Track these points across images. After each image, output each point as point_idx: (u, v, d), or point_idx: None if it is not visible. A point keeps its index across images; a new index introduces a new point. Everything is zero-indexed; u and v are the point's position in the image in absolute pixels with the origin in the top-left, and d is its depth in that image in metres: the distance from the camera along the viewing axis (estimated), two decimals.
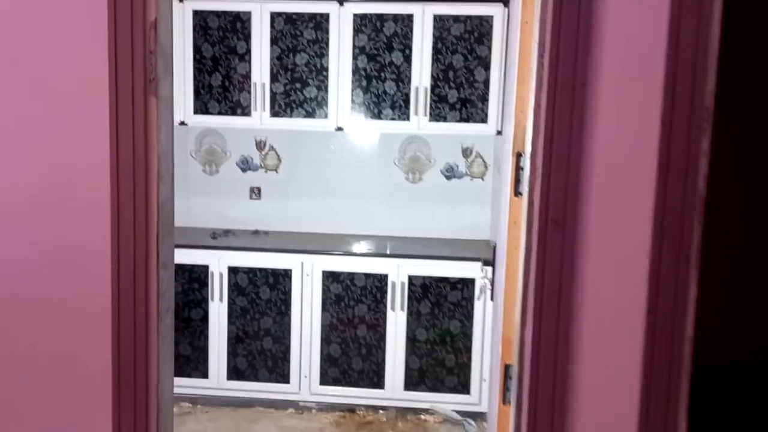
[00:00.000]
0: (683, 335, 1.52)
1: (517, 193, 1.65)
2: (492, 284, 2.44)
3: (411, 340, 3.63)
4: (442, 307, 3.60)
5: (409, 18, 3.66)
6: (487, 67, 3.65)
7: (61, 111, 1.59)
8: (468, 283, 3.58)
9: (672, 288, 1.48)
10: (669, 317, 1.51)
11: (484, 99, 3.68)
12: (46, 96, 1.59)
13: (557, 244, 1.50)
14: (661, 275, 1.47)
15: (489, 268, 2.45)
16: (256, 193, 4.24)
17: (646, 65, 1.46)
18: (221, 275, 3.69)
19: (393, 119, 3.75)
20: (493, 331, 2.12)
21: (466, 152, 4.08)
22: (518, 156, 1.64)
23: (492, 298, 2.46)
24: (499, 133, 3.67)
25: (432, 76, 3.67)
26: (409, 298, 3.61)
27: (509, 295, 1.67)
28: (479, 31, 3.64)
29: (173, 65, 1.64)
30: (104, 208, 1.59)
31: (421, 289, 3.61)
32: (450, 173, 4.11)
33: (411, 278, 3.61)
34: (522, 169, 1.63)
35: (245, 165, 4.23)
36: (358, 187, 4.17)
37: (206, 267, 3.70)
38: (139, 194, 1.57)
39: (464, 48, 3.66)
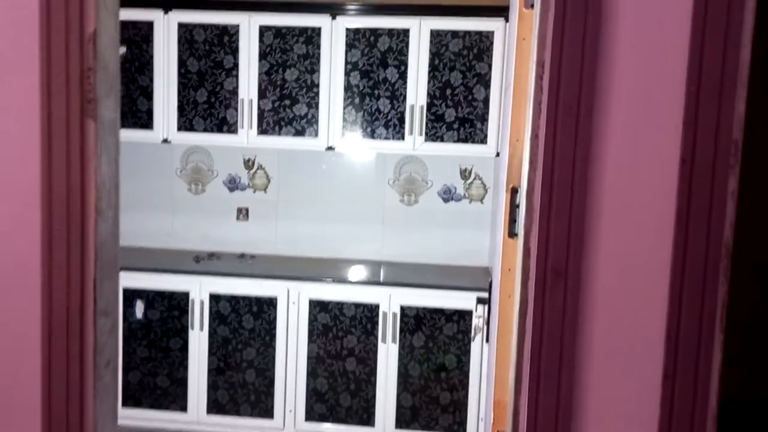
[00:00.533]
0: (706, 405, 1.29)
1: (512, 234, 1.43)
2: (488, 324, 2.22)
3: (403, 375, 3.40)
4: (436, 340, 3.37)
5: (405, 33, 3.46)
6: (486, 86, 3.44)
7: None
8: (465, 315, 3.34)
9: (693, 351, 1.26)
10: (689, 385, 1.28)
11: (484, 119, 3.47)
12: None
13: (558, 299, 1.28)
14: (680, 337, 1.24)
15: (483, 306, 2.24)
16: (243, 214, 4.03)
17: (663, 90, 1.24)
18: (202, 303, 3.47)
19: (387, 139, 3.54)
20: (486, 383, 1.90)
21: (464, 174, 3.86)
22: (513, 191, 1.42)
23: (487, 340, 2.23)
24: (499, 154, 3.45)
25: (428, 94, 3.47)
26: (402, 329, 3.38)
27: (502, 353, 1.45)
28: (479, 47, 3.44)
29: (119, 83, 1.43)
30: (33, 248, 1.38)
31: (414, 321, 3.38)
32: (447, 196, 3.89)
33: (404, 308, 3.38)
34: (518, 206, 1.41)
35: (233, 184, 4.02)
36: (350, 209, 3.96)
37: (187, 294, 3.48)
38: (74, 232, 1.35)
39: (463, 65, 3.45)
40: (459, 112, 3.47)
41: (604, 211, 1.27)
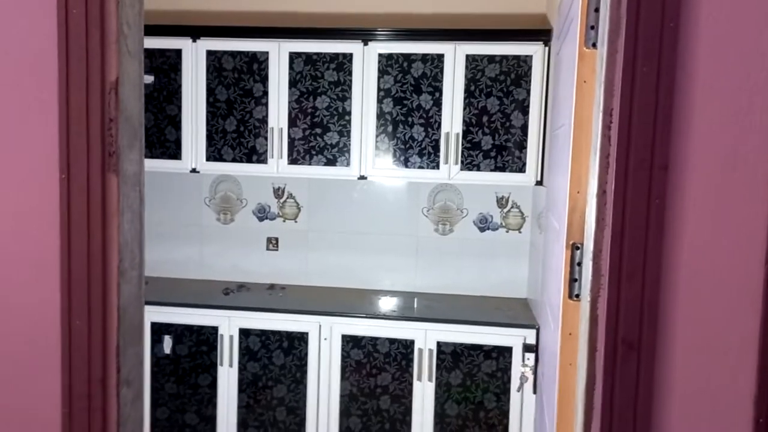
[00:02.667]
0: None
1: (572, 295, 1.29)
2: (534, 374, 2.07)
3: (440, 415, 3.25)
4: (474, 378, 3.22)
5: (439, 58, 3.34)
6: (525, 112, 3.30)
7: None
8: (504, 352, 3.19)
9: None
10: None
11: (522, 146, 3.32)
12: None
13: (630, 374, 1.13)
14: None
15: (531, 355, 2.09)
16: (273, 243, 3.93)
17: (748, 143, 1.10)
18: (231, 338, 3.36)
19: (421, 167, 3.41)
20: None
21: (501, 202, 3.71)
22: (574, 247, 1.28)
23: (534, 391, 2.08)
24: (539, 183, 3.30)
25: (464, 121, 3.34)
26: (438, 367, 3.23)
27: (564, 427, 1.30)
28: (516, 72, 3.30)
29: (143, 131, 1.32)
30: (52, 315, 1.27)
31: (451, 357, 3.23)
32: (484, 224, 3.75)
33: (440, 345, 3.23)
34: (579, 265, 1.27)
35: (262, 214, 3.93)
36: (382, 239, 3.83)
37: (215, 329, 3.38)
38: (95, 297, 1.25)
39: (500, 90, 3.32)
40: (496, 140, 3.33)
41: (681, 277, 1.12)
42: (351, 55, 3.41)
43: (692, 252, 1.11)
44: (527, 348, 2.03)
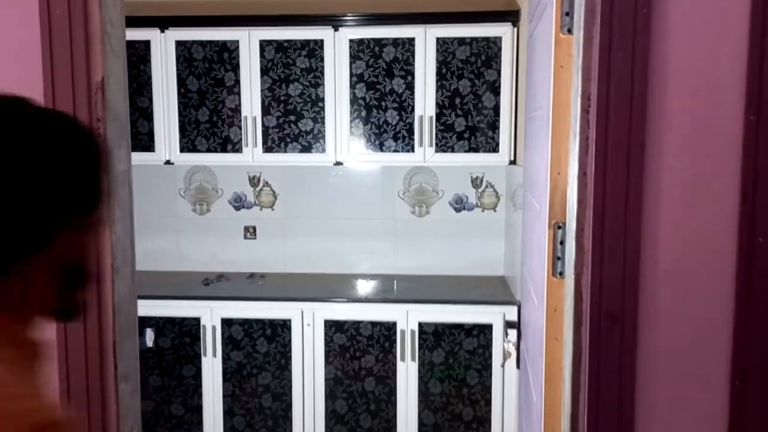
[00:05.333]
0: None
1: (556, 273, 1.34)
2: (518, 350, 2.13)
3: (424, 394, 3.31)
4: (457, 356, 3.29)
5: (410, 42, 3.36)
6: (496, 93, 3.35)
7: None
8: (485, 329, 3.26)
9: (759, 406, 1.17)
10: None
11: (495, 126, 3.37)
12: None
13: (614, 346, 1.19)
14: (747, 392, 1.15)
15: (513, 331, 2.15)
16: (251, 232, 3.94)
17: (719, 121, 1.15)
18: (214, 328, 3.38)
19: (396, 151, 3.45)
20: (523, 417, 1.80)
21: (475, 182, 3.77)
22: (556, 227, 1.33)
23: (518, 366, 2.15)
24: (512, 162, 3.36)
25: (437, 104, 3.37)
26: (421, 347, 3.29)
27: (550, 399, 1.36)
28: (486, 53, 3.34)
29: (128, 129, 1.33)
30: None
31: (433, 337, 3.29)
32: (459, 205, 3.80)
33: (422, 325, 3.29)
34: (562, 244, 1.32)
35: (238, 203, 3.93)
36: (360, 223, 3.87)
37: (198, 320, 3.39)
38: (91, 295, 1.26)
39: (471, 72, 3.36)
40: (469, 121, 3.38)
41: (660, 251, 1.18)
42: (322, 41, 3.41)
43: (669, 226, 1.17)
44: (509, 324, 2.09)
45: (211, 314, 3.38)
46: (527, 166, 1.96)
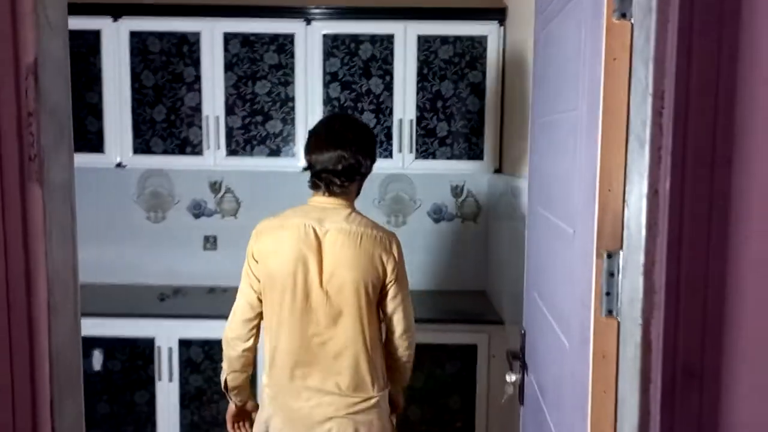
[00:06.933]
0: None
1: (603, 311, 1.10)
2: (521, 389, 1.90)
3: (403, 422, 3.05)
4: (438, 380, 3.04)
5: (389, 39, 3.11)
6: (481, 96, 3.12)
7: None
8: (469, 351, 3.02)
9: None
10: None
11: (479, 132, 3.14)
12: None
13: (692, 409, 0.95)
14: None
15: (516, 363, 1.92)
16: (211, 242, 3.62)
17: None
18: (170, 350, 3.05)
19: None
20: None
21: (455, 191, 3.53)
22: (606, 256, 1.09)
23: (522, 402, 1.91)
24: (497, 171, 3.13)
25: (418, 107, 3.12)
26: None
27: None
28: (471, 53, 3.11)
29: (70, 127, 1.04)
30: None
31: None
32: (438, 215, 3.56)
33: None
34: (612, 276, 1.08)
35: (198, 210, 3.61)
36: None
37: (152, 340, 3.06)
38: (19, 340, 0.97)
39: (454, 73, 3.12)
40: (452, 126, 3.14)
41: (748, 289, 0.95)
42: (292, 35, 3.13)
43: (760, 258, 0.93)
44: (513, 355, 1.86)
45: (167, 335, 3.05)
46: (539, 178, 1.72)
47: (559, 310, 1.41)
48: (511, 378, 1.91)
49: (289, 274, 1.91)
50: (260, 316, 2.03)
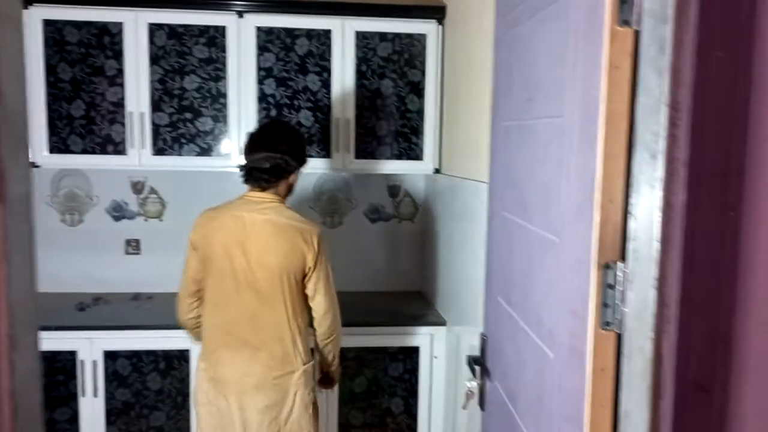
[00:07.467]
0: None
1: (602, 324, 1.07)
2: (481, 393, 1.87)
3: (344, 427, 2.98)
4: (380, 384, 2.99)
5: (326, 34, 3.01)
6: (420, 95, 3.08)
7: None
8: (411, 353, 2.99)
9: None
10: None
11: (418, 132, 3.10)
12: None
13: (703, 424, 0.94)
14: None
15: (477, 367, 1.89)
16: (133, 246, 3.40)
17: None
18: (94, 363, 2.84)
19: (310, 156, 3.07)
20: None
21: (393, 191, 3.49)
22: (605, 267, 1.06)
23: (483, 408, 1.89)
24: (437, 171, 3.11)
25: (356, 105, 3.04)
26: (344, 374, 2.95)
27: None
28: (410, 51, 3.07)
29: (27, 136, 0.91)
30: None
31: (354, 363, 2.97)
32: (375, 215, 3.50)
33: (343, 351, 2.95)
34: (611, 288, 1.06)
35: (118, 212, 3.38)
36: None
37: (73, 353, 2.84)
38: None
39: (393, 72, 3.07)
40: (391, 125, 3.08)
41: (757, 303, 0.94)
42: (224, 28, 2.97)
43: None
44: (475, 360, 1.84)
45: (90, 346, 2.84)
46: (505, 183, 1.69)
47: (536, 318, 1.39)
48: (470, 384, 1.88)
49: (223, 259, 2.19)
50: (201, 291, 2.31)
